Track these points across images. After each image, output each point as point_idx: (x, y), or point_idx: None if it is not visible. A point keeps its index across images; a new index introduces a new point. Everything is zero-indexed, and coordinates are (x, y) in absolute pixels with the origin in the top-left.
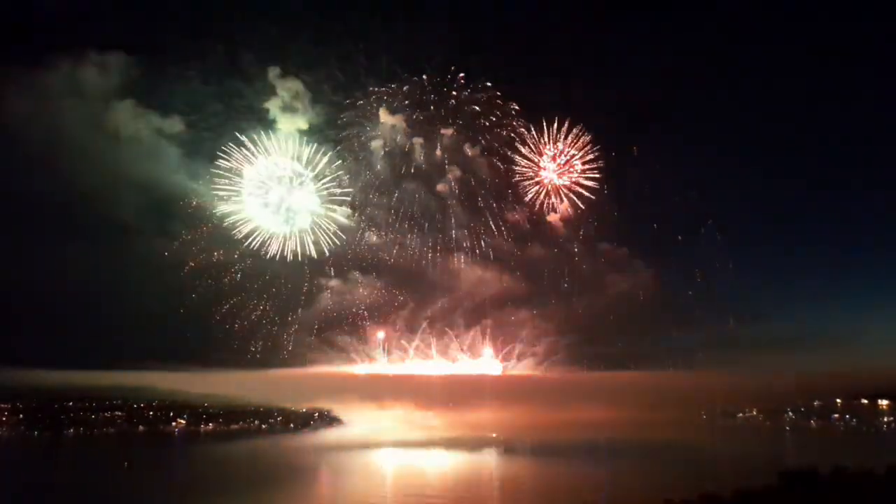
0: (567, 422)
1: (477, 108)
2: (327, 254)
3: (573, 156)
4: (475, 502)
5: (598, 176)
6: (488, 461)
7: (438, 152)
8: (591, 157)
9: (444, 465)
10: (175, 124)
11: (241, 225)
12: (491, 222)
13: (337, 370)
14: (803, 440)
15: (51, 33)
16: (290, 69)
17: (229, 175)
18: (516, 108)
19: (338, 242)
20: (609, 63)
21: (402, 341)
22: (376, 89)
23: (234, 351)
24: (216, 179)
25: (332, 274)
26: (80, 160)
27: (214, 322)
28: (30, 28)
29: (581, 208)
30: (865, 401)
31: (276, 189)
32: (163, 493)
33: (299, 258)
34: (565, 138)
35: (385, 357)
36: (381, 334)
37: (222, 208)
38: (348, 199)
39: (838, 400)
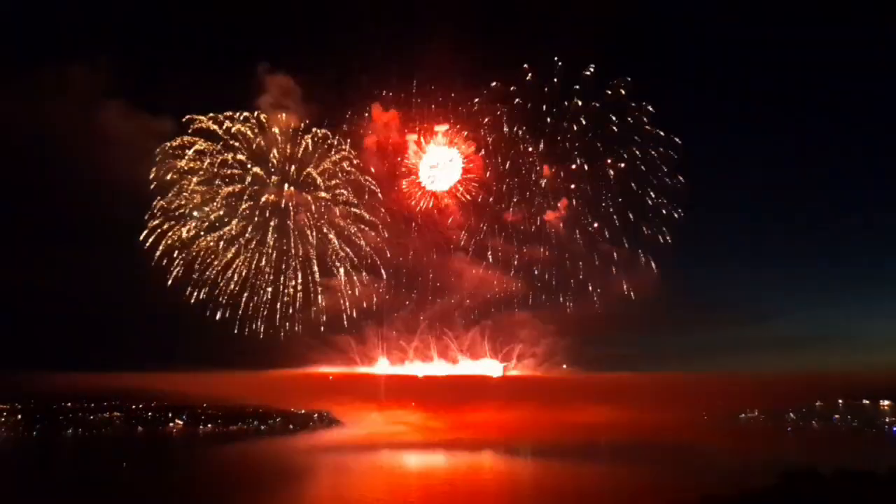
0: (567, 423)
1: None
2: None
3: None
4: (475, 503)
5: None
6: (488, 462)
7: (432, 150)
8: None
9: (444, 466)
10: (166, 124)
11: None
12: (488, 222)
13: (336, 371)
14: (805, 441)
15: (38, 34)
16: (280, 65)
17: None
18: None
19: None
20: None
21: (402, 342)
22: (375, 93)
23: (234, 352)
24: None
25: (332, 274)
26: (72, 161)
27: (213, 322)
28: (17, 28)
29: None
30: (867, 402)
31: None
32: (161, 493)
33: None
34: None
35: (385, 358)
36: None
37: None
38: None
39: (840, 401)
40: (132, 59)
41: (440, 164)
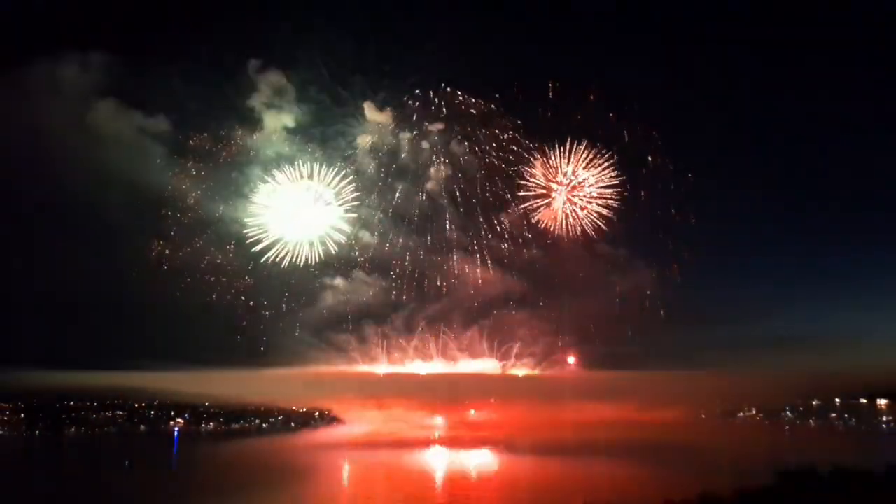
0: (566, 421)
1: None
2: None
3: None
4: (475, 502)
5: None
6: (488, 460)
7: (427, 149)
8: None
9: (444, 464)
10: (160, 123)
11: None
12: (485, 222)
13: (337, 370)
14: (802, 440)
15: (30, 32)
16: (273, 63)
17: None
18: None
19: (338, 246)
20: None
21: (402, 341)
22: (365, 90)
23: (235, 350)
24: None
25: (333, 274)
26: (68, 161)
27: (215, 322)
28: (8, 26)
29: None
30: (864, 400)
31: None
32: (163, 492)
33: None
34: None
35: (385, 357)
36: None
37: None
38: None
39: (837, 400)
40: (124, 57)
41: (433, 162)
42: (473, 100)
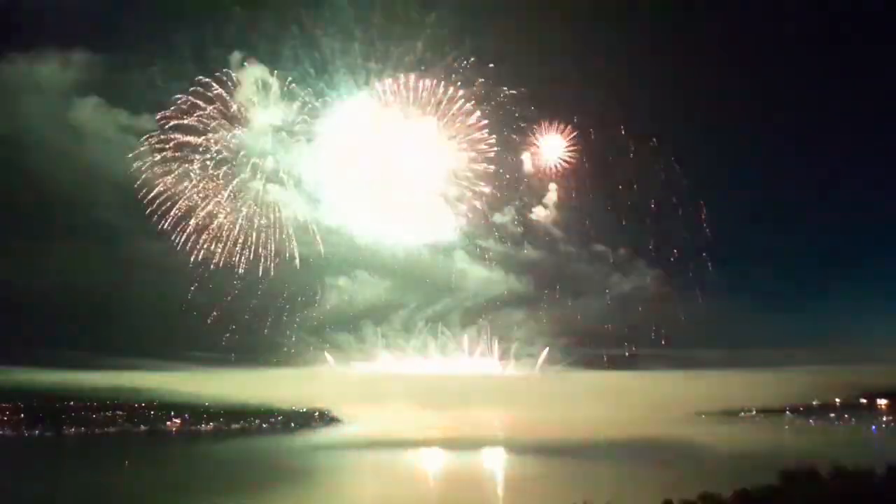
0: (566, 422)
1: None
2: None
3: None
4: (474, 502)
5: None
6: (487, 461)
7: (418, 145)
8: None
9: (443, 464)
10: (144, 121)
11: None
12: (483, 220)
13: (337, 370)
14: (803, 440)
15: (11, 29)
16: (258, 59)
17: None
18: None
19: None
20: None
21: (401, 340)
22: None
23: (235, 351)
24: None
25: (331, 273)
26: (53, 159)
27: (215, 322)
28: None
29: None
30: (864, 400)
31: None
32: (163, 492)
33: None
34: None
35: (385, 357)
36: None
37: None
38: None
39: (837, 399)
40: (105, 55)
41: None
42: (461, 93)
